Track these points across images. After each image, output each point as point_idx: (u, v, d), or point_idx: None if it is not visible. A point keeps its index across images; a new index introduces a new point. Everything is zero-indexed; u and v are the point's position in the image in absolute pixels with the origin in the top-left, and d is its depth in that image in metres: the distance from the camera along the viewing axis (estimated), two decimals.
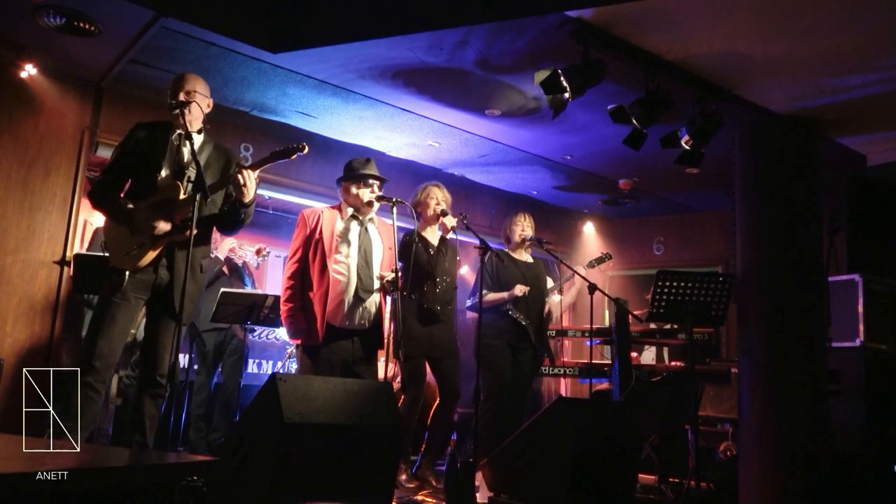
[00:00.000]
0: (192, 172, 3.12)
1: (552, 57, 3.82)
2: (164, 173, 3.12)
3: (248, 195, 3.13)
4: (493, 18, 3.58)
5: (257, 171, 3.15)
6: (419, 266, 4.18)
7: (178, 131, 3.17)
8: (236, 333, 4.99)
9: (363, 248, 3.87)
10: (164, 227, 3.05)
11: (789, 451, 4.00)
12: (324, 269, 3.77)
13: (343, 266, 3.81)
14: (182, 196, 3.08)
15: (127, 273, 3.04)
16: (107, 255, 3.28)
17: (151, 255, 3.06)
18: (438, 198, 4.34)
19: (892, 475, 4.22)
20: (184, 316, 2.98)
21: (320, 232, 3.83)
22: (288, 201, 5.96)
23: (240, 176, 3.09)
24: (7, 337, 4.40)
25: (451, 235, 4.28)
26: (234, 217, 3.23)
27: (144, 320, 3.34)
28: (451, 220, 4.22)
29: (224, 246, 5.06)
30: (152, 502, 1.64)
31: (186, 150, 3.15)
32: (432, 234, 4.40)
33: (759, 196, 4.34)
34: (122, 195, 3.17)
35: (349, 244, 3.85)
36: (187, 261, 2.87)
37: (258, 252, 5.19)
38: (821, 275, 4.40)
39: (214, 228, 3.37)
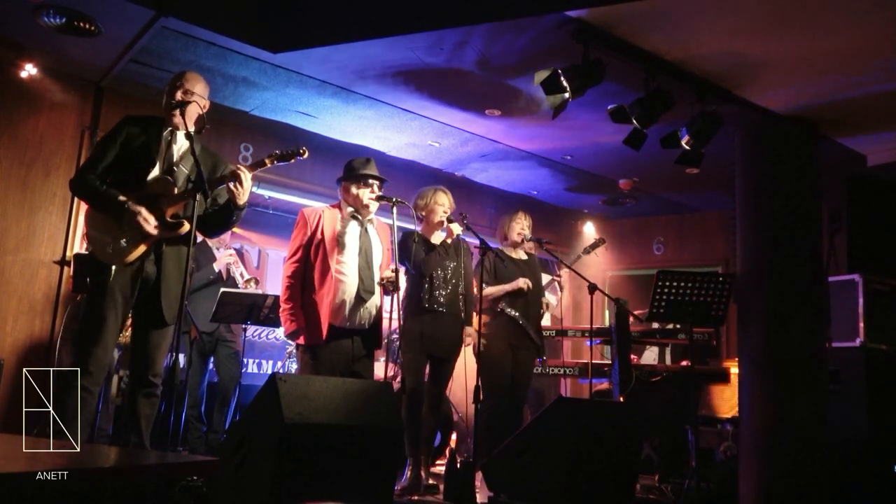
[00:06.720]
0: (183, 170, 3.09)
1: (552, 57, 3.82)
2: (156, 170, 3.07)
3: (243, 196, 3.09)
4: (493, 18, 3.58)
5: (253, 173, 3.12)
6: (417, 264, 4.19)
7: (170, 128, 3.14)
8: (223, 335, 4.98)
9: (364, 249, 3.86)
10: (154, 221, 2.98)
11: (789, 452, 4.00)
12: (326, 269, 3.75)
13: (345, 267, 3.79)
14: (176, 191, 3.03)
15: (113, 268, 2.96)
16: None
17: (140, 250, 2.98)
18: (445, 205, 4.34)
19: (892, 475, 4.22)
20: (170, 315, 2.97)
21: (322, 232, 3.81)
22: (288, 201, 5.96)
23: (239, 175, 3.04)
24: (7, 337, 4.41)
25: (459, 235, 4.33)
26: (225, 218, 3.19)
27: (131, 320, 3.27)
28: (457, 228, 4.24)
29: (222, 260, 5.04)
30: (152, 502, 1.64)
31: (177, 148, 3.12)
32: (435, 237, 4.40)
33: (759, 196, 4.34)
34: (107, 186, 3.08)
35: (350, 245, 3.83)
36: (187, 259, 2.85)
37: (247, 282, 5.11)
38: (821, 275, 4.40)
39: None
